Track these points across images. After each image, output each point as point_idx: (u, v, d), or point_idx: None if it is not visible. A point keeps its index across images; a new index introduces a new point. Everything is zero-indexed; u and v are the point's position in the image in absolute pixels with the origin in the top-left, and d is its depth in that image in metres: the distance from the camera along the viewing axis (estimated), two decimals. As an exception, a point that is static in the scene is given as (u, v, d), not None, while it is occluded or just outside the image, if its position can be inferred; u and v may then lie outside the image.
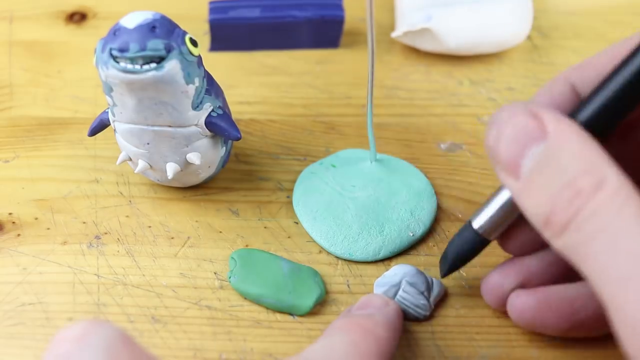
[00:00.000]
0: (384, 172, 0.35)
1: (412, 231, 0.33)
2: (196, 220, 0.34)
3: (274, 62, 0.42)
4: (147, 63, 0.27)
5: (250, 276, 0.31)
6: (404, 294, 0.30)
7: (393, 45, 0.43)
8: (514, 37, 0.41)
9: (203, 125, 0.31)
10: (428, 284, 0.30)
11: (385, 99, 0.40)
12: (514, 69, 0.42)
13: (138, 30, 0.27)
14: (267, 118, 0.39)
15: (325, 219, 0.33)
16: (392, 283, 0.30)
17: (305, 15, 0.41)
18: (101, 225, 0.34)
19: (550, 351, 0.29)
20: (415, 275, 0.30)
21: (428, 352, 0.29)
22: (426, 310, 0.30)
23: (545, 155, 0.21)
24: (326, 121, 0.39)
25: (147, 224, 0.34)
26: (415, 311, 0.30)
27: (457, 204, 0.35)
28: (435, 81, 0.41)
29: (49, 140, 0.37)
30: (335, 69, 0.42)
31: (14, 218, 0.34)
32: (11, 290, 0.31)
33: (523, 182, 0.22)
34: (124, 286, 0.31)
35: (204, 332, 0.30)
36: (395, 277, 0.30)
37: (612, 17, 0.46)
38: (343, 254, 0.32)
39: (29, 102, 0.39)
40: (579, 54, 0.43)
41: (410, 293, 0.30)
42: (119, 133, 0.31)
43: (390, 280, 0.30)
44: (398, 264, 0.32)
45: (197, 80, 0.29)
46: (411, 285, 0.30)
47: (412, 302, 0.30)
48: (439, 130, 0.38)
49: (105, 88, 0.29)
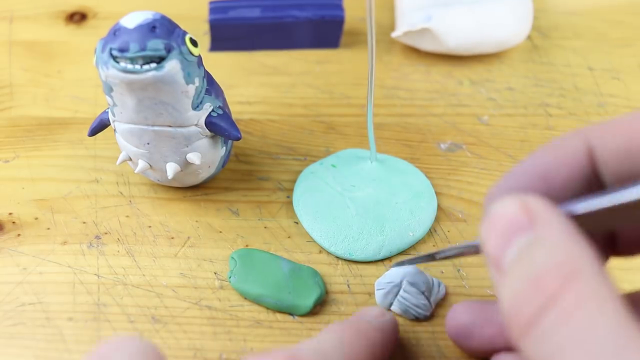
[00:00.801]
0: (384, 172, 0.35)
1: (412, 231, 0.33)
2: (196, 220, 0.34)
3: (274, 62, 0.42)
4: (147, 63, 0.27)
5: (251, 276, 0.31)
6: (405, 294, 0.30)
7: (393, 45, 0.43)
8: (514, 37, 0.41)
9: (203, 125, 0.31)
10: (429, 284, 0.30)
11: (385, 99, 0.40)
12: (514, 68, 0.42)
13: (138, 30, 0.27)
14: (267, 118, 0.39)
15: (325, 219, 0.33)
16: (393, 283, 0.30)
17: (305, 15, 0.41)
18: (101, 225, 0.34)
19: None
20: (416, 275, 0.30)
21: (428, 352, 0.29)
22: (427, 310, 0.30)
23: (527, 246, 0.19)
24: (326, 121, 0.39)
25: (147, 224, 0.34)
26: (415, 311, 0.30)
27: (457, 204, 0.35)
28: (435, 81, 0.41)
29: (49, 140, 0.37)
30: (335, 69, 0.42)
31: (14, 218, 0.34)
32: (11, 290, 0.31)
33: (502, 273, 0.20)
34: (124, 286, 0.31)
35: (204, 332, 0.30)
36: (396, 277, 0.30)
37: (612, 17, 0.46)
38: (343, 253, 0.32)
39: (29, 102, 0.39)
40: (579, 54, 0.43)
41: (411, 293, 0.30)
42: (119, 133, 0.31)
43: (391, 280, 0.30)
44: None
45: (197, 80, 0.29)
46: (412, 285, 0.30)
47: (413, 302, 0.30)
48: (439, 130, 0.38)
49: (105, 88, 0.29)
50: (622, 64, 0.43)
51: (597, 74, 0.42)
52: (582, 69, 0.42)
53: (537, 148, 0.37)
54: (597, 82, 0.41)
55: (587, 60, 0.43)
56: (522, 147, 0.38)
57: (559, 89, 0.41)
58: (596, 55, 0.43)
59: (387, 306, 0.30)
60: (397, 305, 0.30)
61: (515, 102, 0.40)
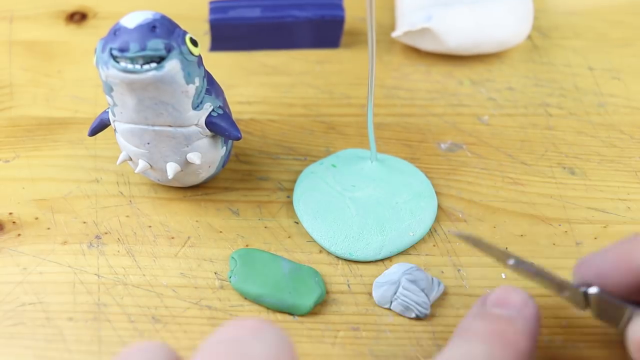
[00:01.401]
0: (384, 171, 0.35)
1: (412, 231, 0.33)
2: (196, 220, 0.34)
3: (274, 62, 0.42)
4: (147, 63, 0.27)
5: (251, 276, 0.31)
6: (405, 291, 0.30)
7: (393, 45, 0.43)
8: (514, 37, 0.41)
9: (203, 125, 0.31)
10: (428, 281, 0.30)
11: (386, 98, 0.40)
12: (514, 68, 0.42)
13: (138, 30, 0.27)
14: (267, 118, 0.39)
15: (325, 219, 0.33)
16: (392, 281, 0.30)
17: (305, 15, 0.41)
18: (101, 225, 0.34)
19: (548, 350, 0.29)
20: (416, 272, 0.30)
21: (429, 352, 0.29)
22: (427, 307, 0.30)
23: None
24: (326, 121, 0.39)
25: (148, 223, 0.34)
26: (416, 309, 0.30)
27: (457, 204, 0.35)
28: (436, 81, 0.41)
29: (49, 140, 0.37)
30: (335, 69, 0.42)
31: (14, 218, 0.34)
32: (11, 290, 0.31)
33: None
34: (125, 286, 0.31)
35: (204, 332, 0.30)
36: (395, 274, 0.30)
37: (612, 17, 0.46)
38: (343, 253, 0.32)
39: (29, 102, 0.39)
40: (579, 54, 0.43)
41: (411, 290, 0.30)
42: (119, 133, 0.31)
43: (390, 278, 0.30)
44: (398, 263, 0.32)
45: (198, 80, 0.29)
46: (411, 283, 0.30)
47: (413, 299, 0.30)
48: (439, 130, 0.38)
49: (105, 88, 0.29)
50: (622, 64, 0.43)
51: (597, 74, 0.42)
52: (583, 68, 0.42)
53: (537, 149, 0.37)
54: (597, 82, 0.41)
55: (587, 60, 0.43)
56: (522, 147, 0.38)
57: (559, 89, 0.41)
58: (596, 55, 0.43)
59: (387, 305, 0.31)
60: (397, 303, 0.30)
61: (516, 102, 0.40)
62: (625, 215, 0.35)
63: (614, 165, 0.37)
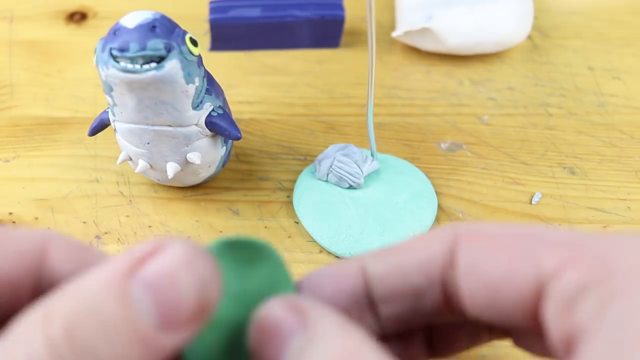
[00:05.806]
0: (385, 171, 0.35)
1: (412, 231, 0.33)
2: (196, 220, 0.34)
3: (274, 62, 0.42)
4: (147, 63, 0.27)
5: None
6: (339, 164, 0.33)
7: (393, 45, 0.43)
8: (514, 36, 0.41)
9: (203, 125, 0.31)
10: (361, 156, 0.34)
11: (386, 98, 0.40)
12: (514, 68, 0.42)
13: (138, 29, 0.27)
14: (267, 118, 0.39)
15: (325, 219, 0.33)
16: (327, 155, 0.34)
17: (305, 15, 0.41)
18: (101, 225, 0.34)
19: (550, 351, 0.29)
20: (348, 147, 0.34)
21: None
22: (359, 178, 0.33)
23: (301, 347, 0.18)
24: (326, 121, 0.39)
25: (148, 223, 0.34)
26: (349, 179, 0.33)
27: (457, 203, 0.35)
28: (436, 81, 0.41)
29: (49, 140, 0.37)
30: (335, 68, 0.42)
31: (14, 218, 0.34)
32: (11, 290, 0.31)
33: None
34: (124, 286, 0.31)
35: (204, 332, 0.30)
36: (331, 150, 0.34)
37: (612, 17, 0.46)
38: (343, 253, 0.32)
39: (29, 102, 0.39)
40: (579, 53, 0.43)
41: (344, 162, 0.33)
42: (120, 133, 0.31)
43: (327, 154, 0.34)
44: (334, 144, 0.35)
45: (197, 80, 0.29)
46: (345, 156, 0.34)
47: (346, 170, 0.33)
48: (439, 130, 0.38)
49: (105, 88, 0.29)
50: (622, 63, 0.43)
51: (597, 74, 0.42)
52: (583, 68, 0.42)
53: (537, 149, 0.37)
54: (597, 82, 0.41)
55: (587, 60, 0.43)
56: (522, 146, 0.38)
57: (560, 89, 0.41)
58: (596, 55, 0.43)
59: (324, 178, 0.34)
60: (332, 175, 0.34)
61: (516, 101, 0.40)
62: (625, 215, 0.35)
63: (614, 165, 0.37)
